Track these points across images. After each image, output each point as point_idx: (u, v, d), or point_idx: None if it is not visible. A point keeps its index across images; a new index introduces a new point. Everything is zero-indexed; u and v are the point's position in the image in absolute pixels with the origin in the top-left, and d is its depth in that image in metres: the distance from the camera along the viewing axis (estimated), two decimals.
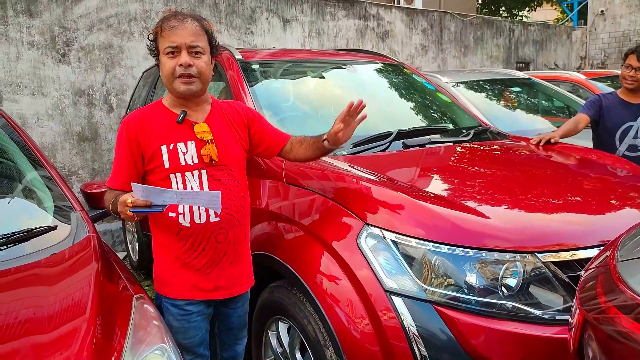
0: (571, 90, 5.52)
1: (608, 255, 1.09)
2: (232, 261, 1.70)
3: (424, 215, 1.65)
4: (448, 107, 3.12)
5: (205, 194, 1.50)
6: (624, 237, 1.15)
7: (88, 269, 1.46)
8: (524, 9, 19.38)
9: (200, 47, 1.60)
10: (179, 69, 1.56)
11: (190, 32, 1.58)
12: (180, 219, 1.61)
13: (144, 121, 1.62)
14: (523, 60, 9.53)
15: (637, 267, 0.94)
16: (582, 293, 1.07)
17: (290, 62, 3.10)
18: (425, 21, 7.88)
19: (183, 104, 1.65)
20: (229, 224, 1.66)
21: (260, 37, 6.07)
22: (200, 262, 1.65)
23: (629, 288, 0.85)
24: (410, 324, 1.50)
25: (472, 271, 1.53)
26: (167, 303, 1.69)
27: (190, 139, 1.62)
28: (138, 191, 1.41)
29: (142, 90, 4.16)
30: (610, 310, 0.86)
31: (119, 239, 4.93)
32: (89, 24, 4.74)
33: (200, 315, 1.71)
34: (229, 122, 1.74)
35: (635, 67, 2.86)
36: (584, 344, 0.96)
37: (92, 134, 4.84)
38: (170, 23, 1.57)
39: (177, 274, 1.66)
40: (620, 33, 10.80)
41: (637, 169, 2.37)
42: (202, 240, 1.63)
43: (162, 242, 1.68)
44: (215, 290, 1.69)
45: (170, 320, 1.68)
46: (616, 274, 0.93)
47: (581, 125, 2.91)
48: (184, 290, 1.66)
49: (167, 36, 1.56)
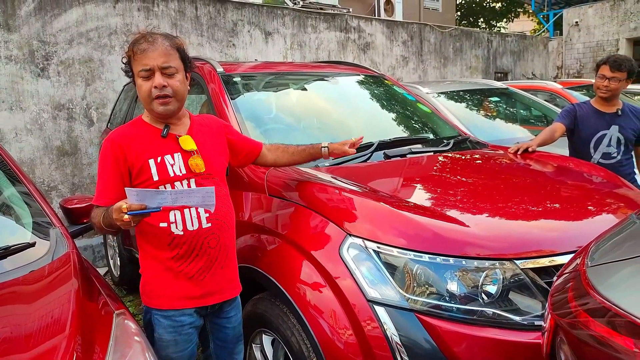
0: (548, 99, 5.64)
1: (579, 261, 1.12)
2: (223, 265, 1.73)
3: (406, 225, 1.67)
4: (428, 117, 3.17)
5: (199, 190, 1.51)
6: (594, 243, 1.19)
7: (67, 285, 1.44)
8: (502, 21, 19.81)
9: (172, 67, 1.63)
10: (154, 90, 1.61)
11: (161, 53, 1.61)
12: (172, 228, 1.63)
13: (129, 137, 1.66)
14: (501, 71, 9.72)
15: (606, 272, 0.97)
16: (554, 298, 1.10)
17: (272, 74, 3.13)
18: (405, 33, 8.00)
19: (165, 121, 1.71)
20: (220, 229, 1.70)
21: (242, 49, 6.09)
22: (194, 269, 1.66)
23: (598, 293, 0.88)
24: (393, 334, 1.51)
25: (453, 279, 1.55)
26: (159, 315, 1.68)
27: (176, 151, 1.67)
28: (132, 196, 1.41)
29: (123, 103, 4.14)
30: (581, 314, 0.88)
31: (100, 255, 4.86)
32: (68, 38, 4.71)
33: (192, 327, 1.71)
34: (209, 134, 1.81)
35: (608, 77, 2.93)
36: (556, 348, 0.99)
37: (72, 148, 4.79)
38: (141, 46, 1.61)
39: (169, 285, 1.67)
40: (594, 43, 11.10)
41: (611, 176, 2.43)
42: (196, 246, 1.65)
43: (152, 254, 1.68)
44: (207, 296, 1.70)
45: (162, 334, 1.67)
46: (586, 279, 0.96)
47: (557, 134, 2.98)
48: (177, 300, 1.67)
49: (139, 59, 1.61)
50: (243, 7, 6.10)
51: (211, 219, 1.67)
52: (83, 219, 2.19)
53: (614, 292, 0.86)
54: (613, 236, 1.15)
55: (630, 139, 2.99)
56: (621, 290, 0.88)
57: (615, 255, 1.04)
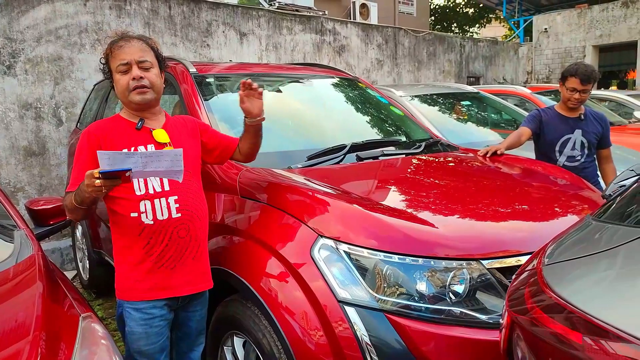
0: (518, 103, 5.79)
1: (536, 260, 1.16)
2: (195, 257, 1.78)
3: (376, 226, 1.69)
4: (400, 120, 3.21)
5: (168, 152, 1.55)
6: (551, 243, 1.23)
7: (32, 289, 1.41)
8: (475, 26, 20.20)
9: (148, 61, 1.76)
10: (132, 82, 1.72)
11: (137, 49, 1.74)
12: (142, 218, 1.69)
13: (105, 129, 1.75)
14: (474, 75, 9.91)
15: (560, 271, 1.01)
16: (511, 296, 1.14)
17: (246, 75, 3.11)
18: (380, 36, 8.08)
19: (141, 115, 1.80)
20: (190, 220, 1.76)
21: (217, 50, 6.05)
22: (163, 257, 1.72)
23: (552, 291, 0.91)
24: (364, 334, 1.52)
25: (422, 279, 1.58)
26: (130, 308, 1.72)
27: (149, 143, 1.76)
28: (104, 159, 1.44)
29: (94, 103, 4.06)
30: (536, 311, 0.92)
31: (68, 257, 4.74)
32: (36, 35, 4.59)
33: (163, 320, 1.75)
34: (184, 131, 1.89)
35: (580, 89, 2.99)
36: (513, 344, 1.02)
37: (40, 149, 4.66)
38: (118, 44, 1.74)
39: (140, 276, 1.72)
40: (562, 49, 11.44)
41: (575, 179, 2.51)
42: (165, 236, 1.71)
43: (124, 243, 1.74)
44: (179, 287, 1.75)
45: (133, 327, 1.72)
46: (542, 278, 1.00)
47: (524, 138, 3.06)
48: (148, 291, 1.72)
49: (117, 55, 1.73)
50: (218, 7, 6.06)
51: (181, 209, 1.73)
52: (50, 221, 2.15)
53: (566, 290, 0.90)
54: (569, 236, 1.19)
55: (592, 143, 3.09)
56: (572, 288, 0.91)
57: (570, 255, 1.08)
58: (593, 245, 1.05)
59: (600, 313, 0.76)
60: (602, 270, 0.92)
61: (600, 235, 1.08)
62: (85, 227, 3.76)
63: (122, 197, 1.69)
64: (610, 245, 0.97)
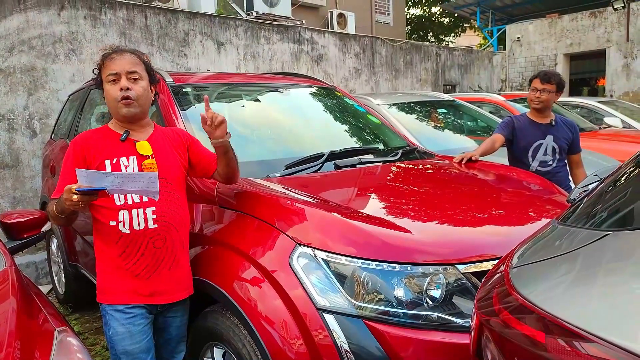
0: (493, 110, 5.91)
1: (504, 264, 1.20)
2: (171, 266, 1.81)
3: (354, 233, 1.71)
4: (378, 128, 3.25)
5: (143, 175, 1.62)
6: (519, 247, 1.27)
7: (5, 304, 1.38)
8: (450, 35, 20.56)
9: (137, 72, 1.81)
10: (120, 92, 1.77)
11: (128, 62, 1.81)
12: (120, 227, 1.75)
13: (90, 139, 1.82)
14: (450, 83, 10.08)
15: (526, 273, 1.05)
16: (480, 299, 1.17)
17: (224, 85, 3.12)
18: (357, 46, 8.17)
19: (128, 127, 1.85)
20: (166, 231, 1.80)
21: (195, 59, 6.03)
22: (139, 267, 1.76)
23: (518, 293, 0.95)
24: (343, 341, 1.53)
25: (400, 285, 1.60)
26: (111, 310, 1.77)
27: (132, 154, 1.81)
28: (82, 177, 1.54)
29: (68, 113, 4.00)
30: (503, 313, 0.95)
31: (44, 271, 4.64)
32: (9, 46, 4.51)
33: (144, 318, 1.79)
34: (169, 143, 1.92)
35: (539, 89, 3.15)
36: (482, 345, 1.05)
37: (13, 161, 4.57)
38: (110, 56, 1.82)
39: (117, 281, 1.77)
40: (535, 58, 11.72)
41: (547, 184, 2.58)
42: (141, 246, 1.76)
43: (104, 251, 1.80)
44: (155, 295, 1.79)
45: (116, 327, 1.76)
46: (509, 280, 1.03)
47: (497, 145, 3.14)
48: (125, 295, 1.77)
49: (108, 66, 1.80)
50: (195, 17, 6.05)
51: (158, 221, 1.77)
52: (23, 234, 2.11)
53: (530, 291, 0.93)
54: (536, 240, 1.23)
55: (564, 148, 3.19)
56: (537, 290, 0.95)
57: (536, 257, 1.11)
58: (556, 249, 1.09)
59: (562, 313, 0.80)
60: (564, 272, 0.95)
61: (563, 238, 1.12)
62: (60, 241, 3.69)
63: (103, 205, 1.74)
64: (572, 248, 1.01)
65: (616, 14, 10.40)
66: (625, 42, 10.36)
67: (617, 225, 1.03)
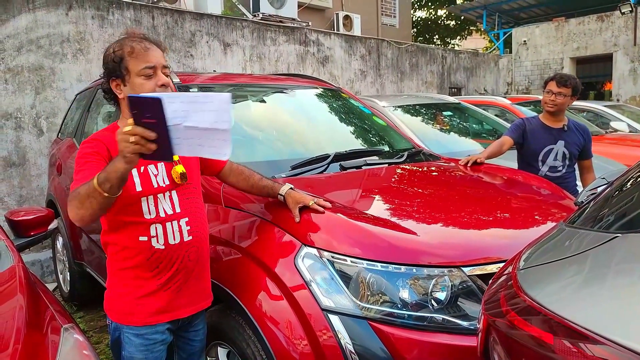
0: (499, 114, 5.90)
1: (512, 265, 1.20)
2: (198, 276, 1.70)
3: (359, 234, 1.71)
4: (383, 130, 3.25)
5: (212, 97, 1.19)
6: (526, 249, 1.27)
7: (12, 300, 1.39)
8: (456, 38, 20.54)
9: (169, 67, 1.62)
10: (158, 89, 1.53)
11: (161, 54, 1.60)
12: (153, 242, 1.56)
13: (111, 143, 1.48)
14: (455, 86, 10.07)
15: (533, 275, 1.05)
16: (487, 300, 1.17)
17: (230, 86, 3.13)
18: (363, 48, 8.18)
19: None
20: (199, 242, 1.67)
21: (201, 60, 6.06)
22: (171, 280, 1.61)
23: (526, 294, 0.95)
24: (347, 342, 1.53)
25: (405, 287, 1.59)
26: (130, 333, 1.61)
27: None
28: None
29: (75, 113, 4.02)
30: (510, 314, 0.95)
31: (49, 269, 4.66)
32: (17, 45, 4.54)
33: (163, 344, 1.66)
34: None
35: (555, 92, 3.10)
36: (489, 347, 1.05)
37: (20, 159, 4.60)
38: (142, 44, 1.56)
39: (143, 301, 1.60)
40: (541, 61, 11.70)
41: (556, 189, 2.57)
42: (177, 260, 1.61)
43: (127, 266, 1.59)
44: (181, 308, 1.65)
45: (132, 352, 1.61)
46: (516, 282, 1.03)
47: (505, 147, 3.12)
48: (150, 316, 1.60)
49: (142, 57, 1.53)
50: (201, 17, 6.08)
51: (192, 232, 1.63)
52: (30, 232, 2.12)
53: (538, 292, 0.93)
54: (544, 242, 1.23)
55: (574, 154, 3.16)
56: (545, 291, 0.95)
57: (543, 259, 1.11)
58: (565, 250, 1.09)
59: (570, 315, 0.80)
60: (572, 274, 0.96)
61: (571, 240, 1.12)
62: (66, 239, 3.71)
63: (130, 220, 1.55)
64: (580, 250, 1.01)
65: (623, 18, 10.36)
66: (633, 46, 10.32)
67: (626, 227, 1.03)
